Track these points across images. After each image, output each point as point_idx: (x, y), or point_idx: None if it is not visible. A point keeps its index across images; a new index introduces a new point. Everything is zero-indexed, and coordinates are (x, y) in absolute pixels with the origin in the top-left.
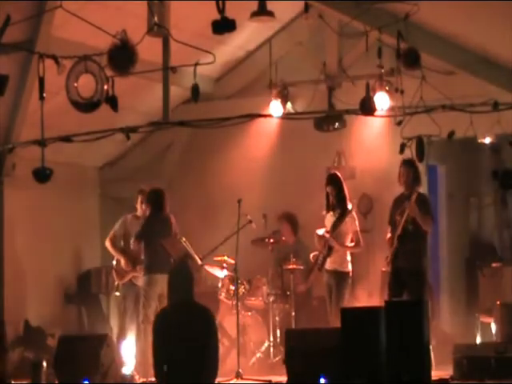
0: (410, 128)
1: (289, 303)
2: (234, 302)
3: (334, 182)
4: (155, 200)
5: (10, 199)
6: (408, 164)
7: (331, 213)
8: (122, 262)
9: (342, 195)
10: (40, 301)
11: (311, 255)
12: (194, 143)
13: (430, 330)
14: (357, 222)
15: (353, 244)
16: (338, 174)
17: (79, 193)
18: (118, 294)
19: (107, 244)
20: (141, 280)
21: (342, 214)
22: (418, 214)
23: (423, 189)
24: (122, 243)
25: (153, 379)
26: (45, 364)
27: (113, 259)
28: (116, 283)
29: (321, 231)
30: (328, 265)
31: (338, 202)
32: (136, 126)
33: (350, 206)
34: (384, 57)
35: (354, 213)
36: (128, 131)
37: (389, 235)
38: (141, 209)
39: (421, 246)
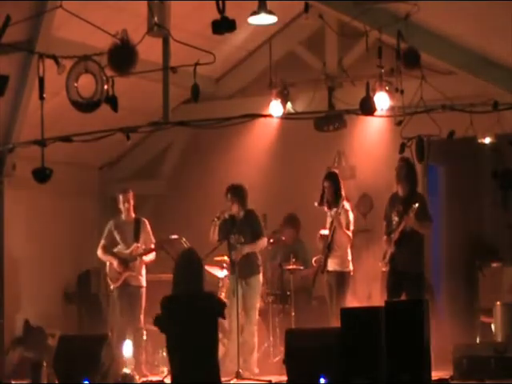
0: (410, 128)
1: (289, 303)
2: None
3: (332, 178)
4: (246, 195)
5: (10, 199)
6: (402, 160)
7: (330, 212)
8: (115, 264)
9: (339, 193)
10: (40, 301)
11: (313, 259)
12: (194, 143)
13: (430, 330)
14: (351, 215)
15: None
16: (337, 172)
17: (79, 193)
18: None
19: (99, 254)
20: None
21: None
22: (417, 224)
23: (423, 189)
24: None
25: (153, 378)
26: (45, 364)
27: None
28: (112, 287)
29: (324, 231)
30: (329, 265)
31: (334, 200)
32: (136, 126)
33: (347, 205)
34: (384, 57)
35: (347, 207)
36: (128, 131)
37: (385, 237)
38: (124, 209)
39: (418, 248)
